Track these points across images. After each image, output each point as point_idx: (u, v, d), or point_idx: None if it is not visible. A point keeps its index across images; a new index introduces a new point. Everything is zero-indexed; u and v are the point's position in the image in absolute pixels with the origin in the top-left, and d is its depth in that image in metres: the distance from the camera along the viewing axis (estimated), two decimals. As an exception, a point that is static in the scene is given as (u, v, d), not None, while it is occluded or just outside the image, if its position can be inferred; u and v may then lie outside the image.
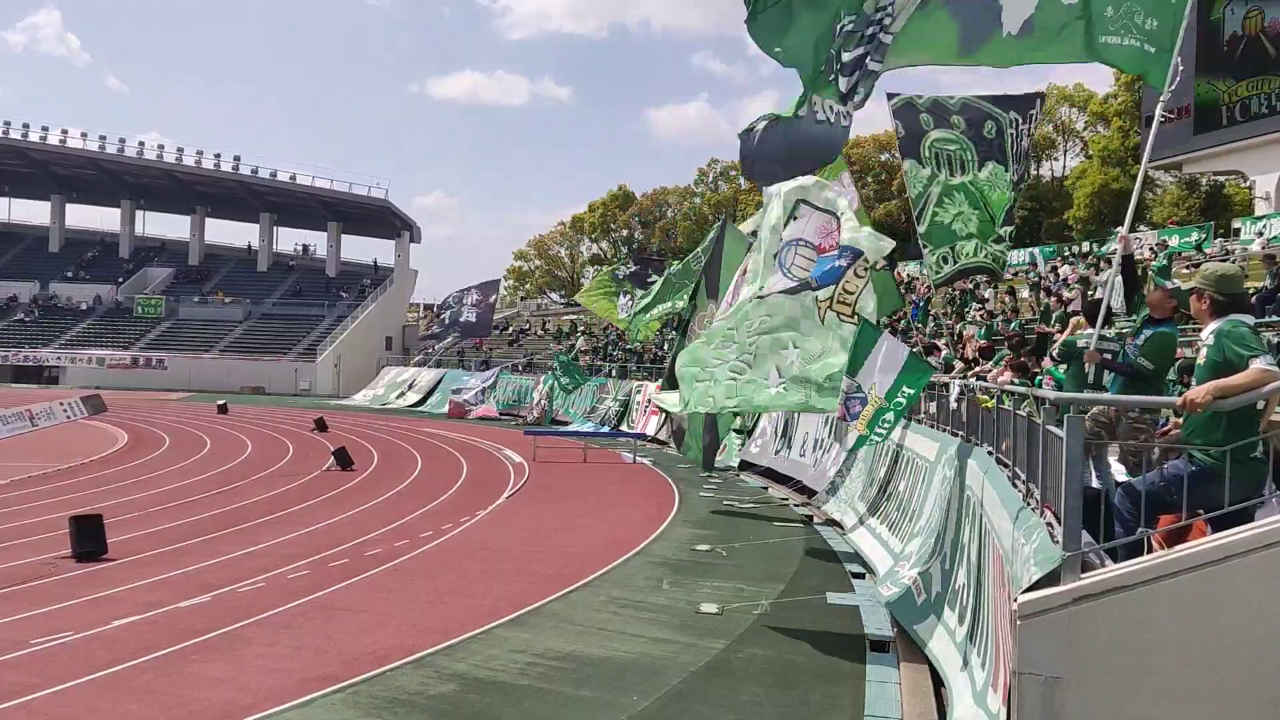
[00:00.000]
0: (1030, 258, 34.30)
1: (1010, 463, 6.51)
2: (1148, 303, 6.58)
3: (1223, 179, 40.08)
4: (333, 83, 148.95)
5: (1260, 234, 25.61)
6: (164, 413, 36.73)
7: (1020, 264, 33.41)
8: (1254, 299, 13.13)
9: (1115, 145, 48.58)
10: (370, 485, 17.36)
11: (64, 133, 61.82)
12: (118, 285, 63.86)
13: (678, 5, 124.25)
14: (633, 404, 29.53)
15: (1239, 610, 3.65)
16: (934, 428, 11.01)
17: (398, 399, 46.10)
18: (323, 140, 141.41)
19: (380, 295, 60.85)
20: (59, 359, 56.77)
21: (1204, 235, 28.59)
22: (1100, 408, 6.15)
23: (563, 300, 72.09)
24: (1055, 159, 58.36)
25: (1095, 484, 5.58)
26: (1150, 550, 4.19)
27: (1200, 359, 4.72)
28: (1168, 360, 6.58)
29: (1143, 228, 33.79)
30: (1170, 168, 36.22)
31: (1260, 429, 4.41)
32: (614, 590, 9.44)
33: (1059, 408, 4.75)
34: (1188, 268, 20.61)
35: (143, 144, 63.09)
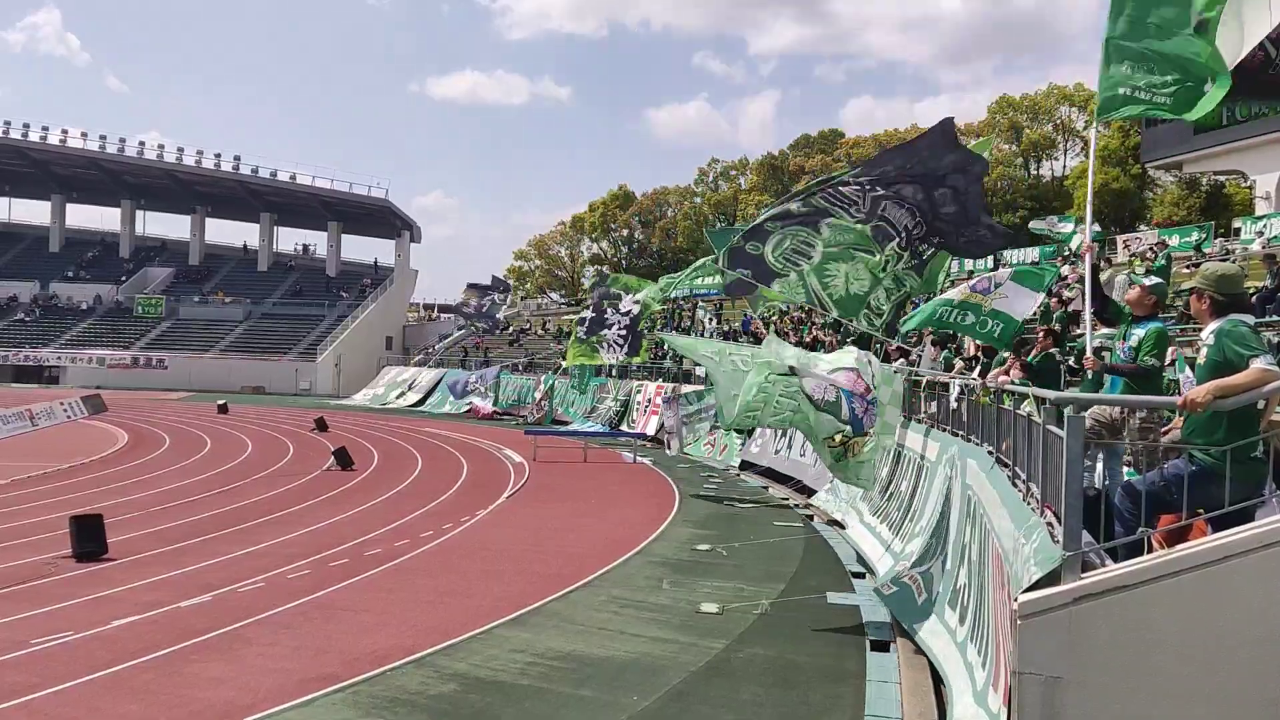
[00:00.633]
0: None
1: (1010, 463, 6.51)
2: (1128, 302, 6.58)
3: (1223, 179, 40.07)
4: (333, 83, 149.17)
5: (1260, 234, 25.60)
6: (164, 413, 36.74)
7: (1018, 264, 33.41)
8: (1254, 299, 13.13)
9: (1115, 145, 48.61)
10: (370, 485, 17.36)
11: (64, 133, 61.92)
12: (118, 285, 63.88)
13: (677, 5, 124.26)
14: (633, 404, 29.51)
15: (1239, 610, 3.65)
16: (934, 428, 11.01)
17: (398, 399, 46.12)
18: (323, 140, 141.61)
19: (380, 295, 60.88)
20: (59, 359, 56.77)
21: (1204, 235, 28.56)
22: (1102, 409, 6.14)
23: (563, 300, 72.11)
24: (1055, 159, 58.40)
25: (1098, 485, 5.57)
26: (1150, 550, 4.19)
27: (1200, 359, 4.72)
28: (1165, 354, 6.60)
29: (1143, 228, 33.74)
30: (1170, 167, 36.23)
31: (1261, 429, 4.41)
32: (614, 590, 9.44)
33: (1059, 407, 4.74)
34: (1188, 267, 20.61)
35: (143, 144, 63.16)
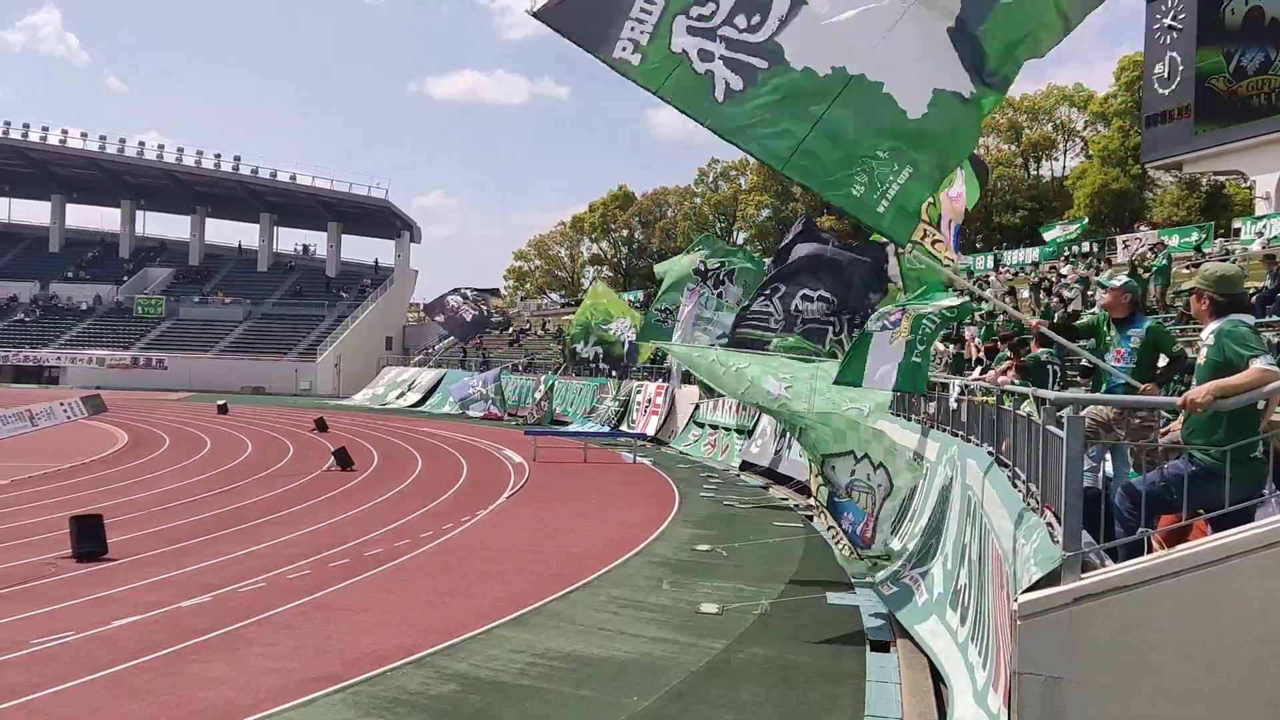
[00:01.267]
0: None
1: (1010, 463, 6.51)
2: (1104, 308, 6.54)
3: (1223, 179, 40.06)
4: (333, 83, 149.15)
5: (1260, 234, 25.60)
6: (164, 413, 36.74)
7: (1018, 264, 33.43)
8: (1254, 299, 13.14)
9: (1115, 145, 48.56)
10: (370, 485, 17.36)
11: (64, 133, 62.02)
12: (118, 285, 63.90)
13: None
14: (633, 404, 29.51)
15: (1239, 610, 3.65)
16: (934, 428, 11.01)
17: (398, 399, 46.11)
18: (323, 140, 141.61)
19: (380, 295, 60.91)
20: (59, 359, 56.81)
21: (1204, 235, 28.56)
22: (1098, 408, 6.14)
23: (563, 300, 72.10)
24: (1055, 159, 58.34)
25: (1099, 486, 5.57)
26: (1150, 550, 4.19)
27: (1200, 359, 4.72)
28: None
29: (1143, 228, 33.71)
30: (1170, 168, 36.22)
31: (1261, 429, 4.41)
32: (614, 590, 9.44)
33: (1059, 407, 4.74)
34: (1188, 268, 20.60)
35: (143, 144, 63.28)
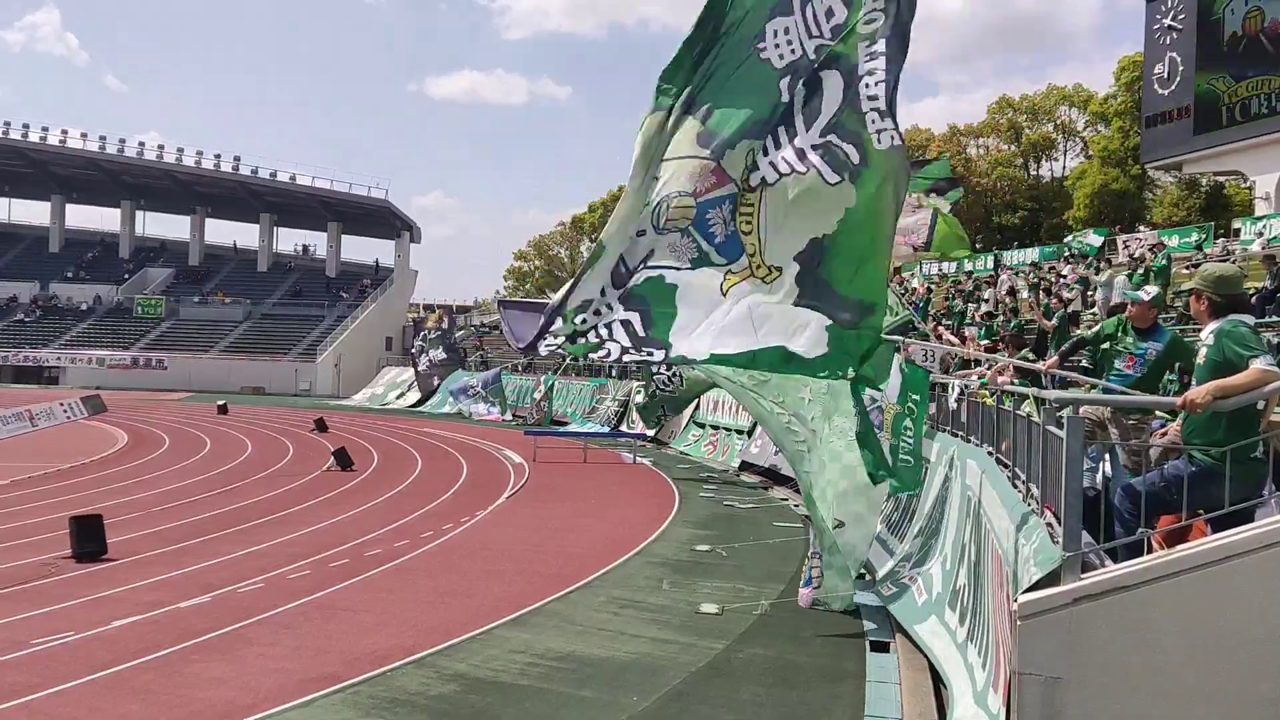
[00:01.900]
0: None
1: (1010, 463, 6.51)
2: (1129, 317, 6.59)
3: (1223, 179, 40.09)
4: (333, 83, 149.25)
5: (1260, 234, 25.62)
6: (164, 413, 36.73)
7: (1019, 264, 33.44)
8: (1254, 299, 13.13)
9: (1115, 145, 48.60)
10: (370, 485, 17.36)
11: (64, 133, 61.97)
12: (118, 286, 63.87)
13: (676, 5, 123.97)
14: (632, 405, 29.50)
15: (1239, 610, 3.66)
16: (934, 428, 11.01)
17: (398, 399, 46.10)
18: (323, 140, 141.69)
19: (380, 296, 60.87)
20: (59, 359, 56.76)
21: (1204, 236, 28.59)
22: (1093, 409, 6.15)
23: (563, 300, 71.91)
24: (1055, 159, 58.38)
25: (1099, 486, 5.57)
26: (1150, 550, 4.19)
27: (1200, 359, 4.72)
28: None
29: (1143, 228, 33.75)
30: (1170, 168, 36.24)
31: (1260, 429, 4.41)
32: (614, 590, 9.44)
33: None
34: (1187, 268, 20.60)
35: (143, 144, 63.19)
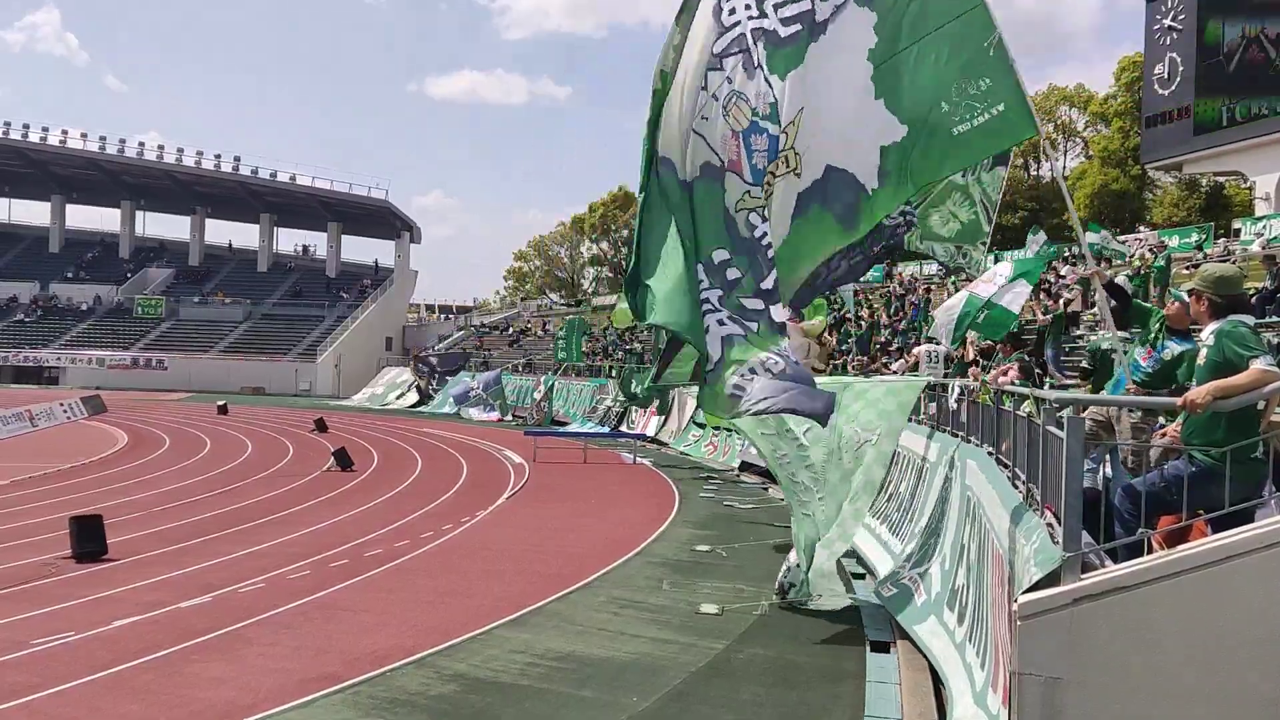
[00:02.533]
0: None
1: (1010, 463, 6.51)
2: (1167, 316, 6.52)
3: (1223, 179, 40.09)
4: (332, 83, 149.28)
5: (1260, 234, 25.63)
6: (164, 413, 36.74)
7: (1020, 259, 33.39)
8: (1254, 299, 13.13)
9: (1115, 146, 48.61)
10: (370, 485, 17.36)
11: (64, 133, 62.14)
12: (118, 286, 63.89)
13: (676, 6, 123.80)
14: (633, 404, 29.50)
15: (1239, 611, 3.66)
16: (934, 428, 11.01)
17: (397, 399, 46.12)
18: (323, 140, 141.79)
19: (380, 296, 60.93)
20: (59, 359, 56.80)
21: (1204, 236, 28.61)
22: (1099, 409, 6.15)
23: (563, 301, 72.08)
24: (1055, 159, 58.32)
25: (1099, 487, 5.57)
26: (1150, 551, 4.19)
27: (1200, 359, 4.72)
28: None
29: (1142, 229, 33.76)
30: (1170, 168, 36.25)
31: (1261, 429, 4.41)
32: (614, 590, 9.44)
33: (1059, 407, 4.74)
34: (1188, 268, 20.60)
35: (143, 144, 63.37)
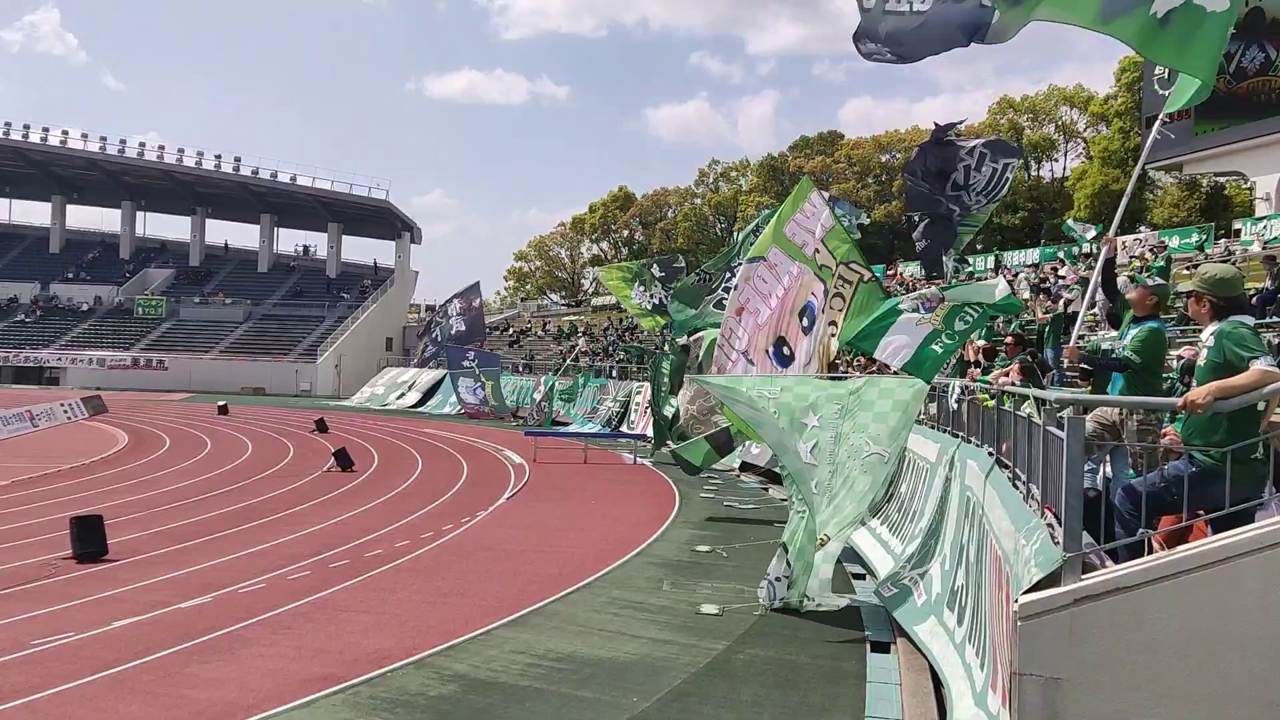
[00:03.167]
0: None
1: (1010, 464, 6.51)
2: (1129, 300, 6.58)
3: (1223, 180, 40.09)
4: (332, 83, 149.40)
5: (1260, 235, 25.63)
6: (164, 413, 36.74)
7: (1020, 265, 33.45)
8: (1254, 300, 13.12)
9: (1116, 146, 48.60)
10: (371, 486, 17.36)
11: (64, 133, 62.09)
12: (118, 286, 63.89)
13: (675, 5, 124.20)
14: (633, 405, 29.51)
15: (1240, 611, 3.66)
16: (934, 429, 11.02)
17: (398, 399, 46.11)
18: (322, 140, 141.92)
19: (381, 296, 60.93)
20: (59, 360, 56.79)
21: (1204, 236, 28.62)
22: (1104, 411, 6.15)
23: (563, 301, 72.12)
24: (1055, 160, 58.37)
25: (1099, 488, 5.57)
26: (1151, 551, 4.19)
27: (1200, 360, 4.72)
28: (1157, 355, 6.36)
29: (1143, 229, 33.78)
30: (1171, 168, 36.26)
31: (1261, 430, 4.41)
32: (615, 591, 9.45)
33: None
34: (1187, 269, 20.61)
35: (143, 144, 63.28)
